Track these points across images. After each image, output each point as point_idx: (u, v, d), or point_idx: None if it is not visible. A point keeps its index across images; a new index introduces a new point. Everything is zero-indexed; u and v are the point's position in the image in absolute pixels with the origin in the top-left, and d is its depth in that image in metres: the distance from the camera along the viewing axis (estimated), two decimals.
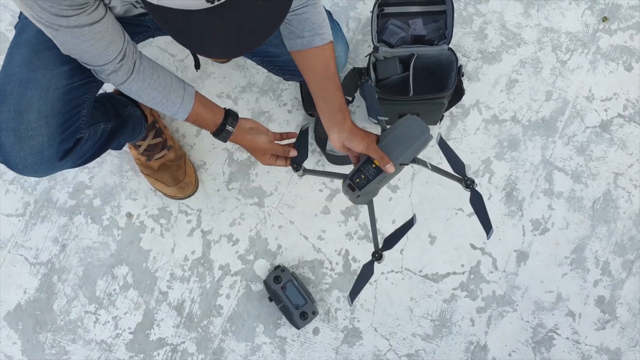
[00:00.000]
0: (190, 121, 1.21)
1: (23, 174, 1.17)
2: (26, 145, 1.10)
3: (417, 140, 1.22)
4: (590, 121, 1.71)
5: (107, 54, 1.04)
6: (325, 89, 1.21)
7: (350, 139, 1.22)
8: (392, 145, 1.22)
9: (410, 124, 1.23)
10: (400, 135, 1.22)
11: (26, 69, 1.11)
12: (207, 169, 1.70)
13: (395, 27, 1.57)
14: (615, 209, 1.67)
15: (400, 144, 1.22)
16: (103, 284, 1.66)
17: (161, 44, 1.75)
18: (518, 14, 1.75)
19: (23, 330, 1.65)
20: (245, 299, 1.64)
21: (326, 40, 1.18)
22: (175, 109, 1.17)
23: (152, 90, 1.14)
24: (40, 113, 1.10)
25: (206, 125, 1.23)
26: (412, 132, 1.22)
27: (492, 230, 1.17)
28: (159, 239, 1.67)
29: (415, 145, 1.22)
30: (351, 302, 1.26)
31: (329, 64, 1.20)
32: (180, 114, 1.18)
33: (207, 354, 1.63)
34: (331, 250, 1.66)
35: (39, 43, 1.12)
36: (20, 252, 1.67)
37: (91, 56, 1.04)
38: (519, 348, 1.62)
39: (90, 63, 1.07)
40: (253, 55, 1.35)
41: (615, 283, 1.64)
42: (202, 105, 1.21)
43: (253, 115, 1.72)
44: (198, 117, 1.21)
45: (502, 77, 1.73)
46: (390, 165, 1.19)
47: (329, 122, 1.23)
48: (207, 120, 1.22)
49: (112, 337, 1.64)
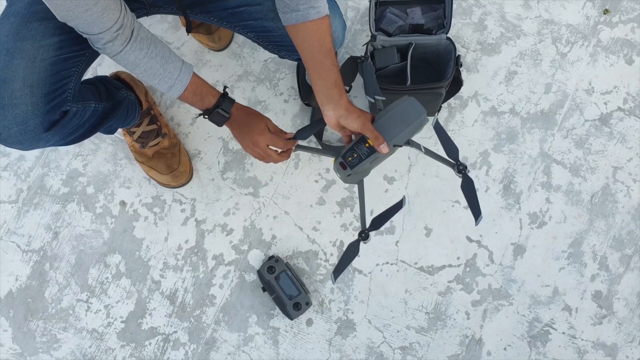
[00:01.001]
0: (186, 95, 1.20)
1: (7, 144, 1.15)
2: (9, 113, 1.09)
3: (413, 122, 1.20)
4: (589, 114, 1.69)
5: (102, 21, 1.03)
6: (321, 64, 1.19)
7: (346, 116, 1.20)
8: (387, 125, 1.20)
9: (407, 105, 1.21)
10: (396, 116, 1.21)
11: (14, 38, 1.10)
12: (202, 158, 1.69)
13: (393, 15, 1.55)
14: (614, 203, 1.65)
15: (395, 125, 1.20)
16: (95, 272, 1.65)
17: (157, 31, 1.73)
18: (518, 6, 1.73)
19: (14, 317, 1.63)
20: (239, 289, 1.63)
21: (322, 13, 1.16)
22: (172, 80, 1.17)
23: (149, 60, 1.13)
24: (25, 82, 1.09)
25: (202, 101, 1.23)
26: (409, 113, 1.20)
27: (481, 217, 1.16)
28: (153, 227, 1.66)
29: (410, 127, 1.20)
30: (334, 280, 1.24)
31: (325, 38, 1.18)
32: (178, 85, 1.17)
33: (200, 344, 1.61)
34: (326, 242, 1.65)
35: (28, 14, 1.11)
36: (13, 239, 1.66)
37: (85, 23, 1.03)
38: (515, 342, 1.61)
39: (86, 31, 1.06)
40: (249, 32, 1.33)
41: (613, 278, 1.62)
42: (199, 80, 1.22)
43: (249, 104, 1.70)
44: (195, 91, 1.21)
45: (501, 69, 1.71)
46: (385, 146, 1.18)
47: (324, 99, 1.20)
48: (204, 95, 1.23)
49: (103, 326, 1.63)
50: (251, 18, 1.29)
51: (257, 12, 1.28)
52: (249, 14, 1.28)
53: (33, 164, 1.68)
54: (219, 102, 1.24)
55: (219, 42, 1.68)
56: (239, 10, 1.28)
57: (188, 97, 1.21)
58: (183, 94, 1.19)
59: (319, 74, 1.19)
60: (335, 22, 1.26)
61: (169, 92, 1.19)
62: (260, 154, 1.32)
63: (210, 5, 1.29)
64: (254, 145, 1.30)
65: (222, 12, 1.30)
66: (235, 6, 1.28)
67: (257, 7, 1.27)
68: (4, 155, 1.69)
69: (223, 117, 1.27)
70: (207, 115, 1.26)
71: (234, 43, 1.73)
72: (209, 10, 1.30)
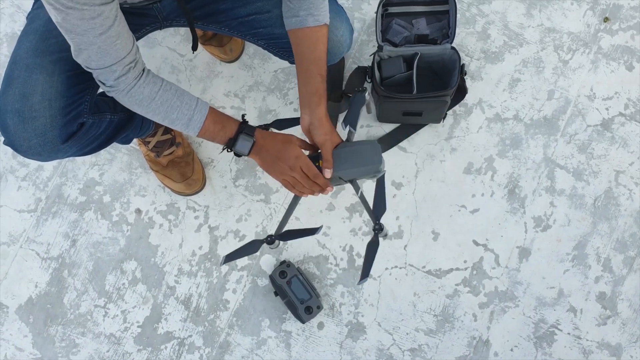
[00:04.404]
0: (207, 126, 1.17)
1: (27, 156, 1.20)
2: (29, 126, 1.14)
3: (367, 167, 1.24)
4: (591, 120, 1.73)
5: (115, 49, 1.04)
6: (307, 70, 1.22)
7: (316, 126, 1.22)
8: (343, 157, 1.23)
9: (370, 149, 1.24)
10: (357, 153, 1.24)
11: (33, 54, 1.15)
12: (215, 166, 1.74)
13: (399, 26, 1.60)
14: (617, 206, 1.69)
15: (350, 160, 1.23)
16: (112, 279, 1.69)
17: (170, 44, 1.79)
18: (520, 15, 1.78)
19: (34, 323, 1.68)
20: (252, 294, 1.67)
21: (319, 22, 1.20)
22: (191, 111, 1.15)
23: (164, 92, 1.13)
24: (44, 95, 1.14)
25: (224, 130, 1.19)
26: (369, 157, 1.24)
27: (366, 280, 1.23)
28: (167, 234, 1.71)
29: (362, 169, 1.24)
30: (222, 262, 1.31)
31: (317, 46, 1.21)
32: (197, 115, 1.15)
33: (214, 348, 1.66)
34: (336, 246, 1.69)
35: (46, 31, 1.16)
36: (32, 247, 1.71)
37: (99, 51, 1.03)
38: (521, 343, 1.64)
39: (99, 64, 1.05)
40: (259, 39, 1.37)
41: (617, 279, 1.66)
42: (216, 110, 1.20)
43: (260, 113, 1.75)
44: (216, 120, 1.18)
45: (504, 77, 1.75)
46: (329, 172, 1.21)
47: (303, 103, 1.24)
48: (224, 123, 1.19)
49: (120, 331, 1.67)
50: (261, 26, 1.33)
51: (267, 20, 1.32)
52: (259, 22, 1.33)
53: (51, 174, 1.73)
54: (241, 128, 1.20)
55: (230, 53, 1.74)
56: (249, 19, 1.33)
57: (209, 128, 1.17)
58: (204, 125, 1.16)
59: (304, 80, 1.23)
60: (342, 27, 1.31)
61: (189, 125, 1.15)
62: (297, 181, 1.21)
63: (221, 16, 1.34)
64: (291, 169, 1.20)
65: (232, 22, 1.34)
66: (245, 15, 1.33)
67: (266, 15, 1.32)
68: (23, 166, 1.74)
69: (248, 142, 1.20)
70: (232, 145, 1.20)
71: (245, 54, 1.78)
72: (220, 20, 1.35)
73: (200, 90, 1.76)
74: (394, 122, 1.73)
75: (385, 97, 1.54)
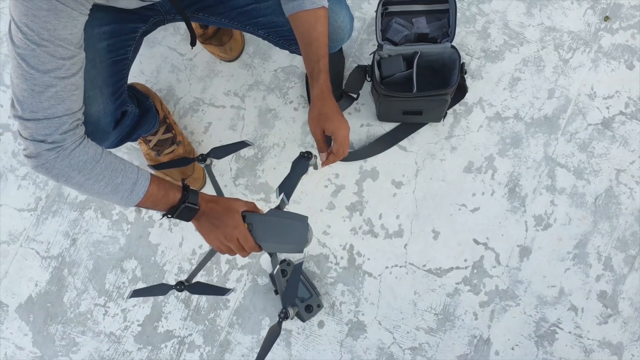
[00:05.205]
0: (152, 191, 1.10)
1: None
2: (85, 112, 1.09)
3: (290, 245, 1.19)
4: (592, 118, 1.73)
5: (71, 100, 0.99)
6: (309, 49, 1.25)
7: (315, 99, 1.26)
8: (269, 229, 1.18)
9: (299, 227, 1.19)
10: (283, 228, 1.19)
11: None
12: (215, 165, 1.73)
13: (399, 25, 1.60)
14: (617, 205, 1.69)
15: (275, 234, 1.19)
16: (112, 277, 1.69)
17: (170, 43, 1.79)
18: (521, 14, 1.78)
19: (34, 322, 1.68)
20: (252, 292, 1.67)
21: (317, 4, 1.22)
22: (135, 175, 1.08)
23: (107, 155, 1.06)
24: (93, 83, 1.16)
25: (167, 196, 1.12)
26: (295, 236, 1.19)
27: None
28: (167, 233, 1.71)
29: (285, 247, 1.20)
30: None
31: (316, 27, 1.23)
32: (142, 180, 1.09)
33: (214, 346, 1.65)
34: (336, 245, 1.69)
35: None
36: (32, 245, 1.71)
37: (56, 96, 0.97)
38: (522, 342, 1.64)
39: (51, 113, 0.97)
40: (259, 29, 1.38)
41: (617, 278, 1.66)
42: (158, 176, 1.15)
43: (260, 113, 1.75)
44: (159, 185, 1.12)
45: (505, 75, 1.75)
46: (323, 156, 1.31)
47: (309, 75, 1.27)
48: (167, 189, 1.13)
49: (120, 329, 1.67)
50: (260, 15, 1.34)
51: (266, 8, 1.33)
52: (258, 10, 1.34)
53: None
54: (185, 196, 1.13)
55: (230, 52, 1.74)
56: (248, 8, 1.34)
57: (153, 193, 1.10)
58: (149, 189, 1.09)
59: (307, 56, 1.25)
60: (342, 13, 1.32)
61: (133, 190, 1.07)
62: (231, 248, 1.18)
63: (220, 7, 1.35)
64: (227, 239, 1.16)
65: (232, 12, 1.35)
66: (244, 5, 1.33)
67: (265, 4, 1.33)
68: (22, 165, 1.75)
69: (192, 210, 1.14)
70: (174, 213, 1.13)
71: (245, 54, 1.78)
72: (220, 12, 1.36)
73: (200, 90, 1.77)
74: (394, 121, 1.73)
75: (385, 96, 1.54)
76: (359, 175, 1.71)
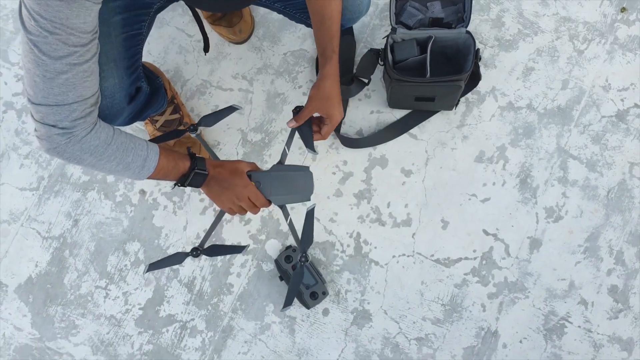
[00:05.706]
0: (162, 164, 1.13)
1: None
2: (100, 86, 1.07)
3: (297, 195, 1.30)
4: (606, 110, 1.70)
5: (83, 86, 0.98)
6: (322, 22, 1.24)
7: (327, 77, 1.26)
8: (277, 182, 1.26)
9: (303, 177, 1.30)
10: (289, 180, 1.29)
11: None
12: (222, 149, 1.70)
13: (413, 9, 1.57)
14: (630, 198, 1.66)
15: (283, 186, 1.27)
16: (114, 260, 1.66)
17: (179, 24, 1.76)
18: (536, 3, 1.75)
19: (33, 303, 1.65)
20: (256, 278, 1.64)
21: None
22: (145, 151, 1.10)
23: (118, 136, 1.07)
24: (108, 57, 1.13)
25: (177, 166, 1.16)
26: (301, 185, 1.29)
27: (289, 307, 1.25)
28: (172, 216, 1.68)
29: (293, 197, 1.30)
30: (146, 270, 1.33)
31: (331, 3, 1.22)
32: (152, 154, 1.11)
33: (217, 332, 1.62)
34: (343, 233, 1.66)
35: None
36: (33, 225, 1.68)
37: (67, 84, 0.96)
38: (530, 335, 1.61)
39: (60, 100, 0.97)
40: (275, 1, 1.36)
41: (629, 272, 1.63)
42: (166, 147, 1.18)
43: (268, 97, 1.72)
44: (168, 157, 1.15)
45: (518, 65, 1.72)
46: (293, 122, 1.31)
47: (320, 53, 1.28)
48: (177, 160, 1.16)
49: (121, 313, 1.64)
50: None
51: None
52: None
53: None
54: (194, 163, 1.18)
55: (239, 34, 1.71)
56: None
57: (164, 166, 1.14)
58: (159, 163, 1.12)
59: (320, 33, 1.25)
60: None
61: (144, 165, 1.10)
62: (242, 207, 1.24)
63: None
64: (239, 199, 1.22)
65: None
66: None
67: None
68: (25, 144, 1.71)
69: (202, 175, 1.19)
70: (185, 181, 1.18)
71: (254, 36, 1.75)
72: None
73: (208, 72, 1.74)
74: (405, 108, 1.70)
75: (397, 81, 1.51)
76: (367, 163, 1.68)
